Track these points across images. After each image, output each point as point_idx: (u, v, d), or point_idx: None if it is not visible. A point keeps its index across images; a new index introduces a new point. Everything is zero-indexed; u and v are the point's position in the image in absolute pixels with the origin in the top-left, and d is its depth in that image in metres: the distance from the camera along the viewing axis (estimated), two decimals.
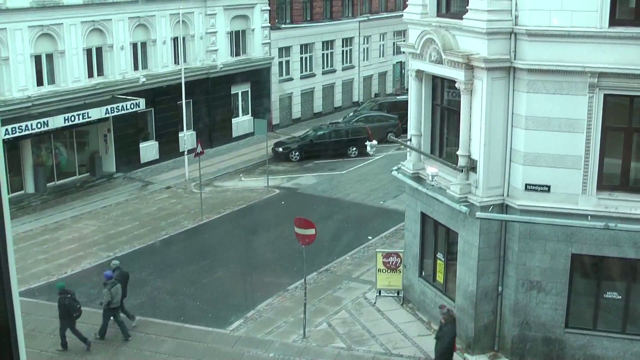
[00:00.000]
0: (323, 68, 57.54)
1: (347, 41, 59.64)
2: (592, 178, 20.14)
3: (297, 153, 45.65)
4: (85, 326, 23.89)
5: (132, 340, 23.82)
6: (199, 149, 35.96)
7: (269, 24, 51.31)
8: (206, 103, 47.42)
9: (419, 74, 23.41)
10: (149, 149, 44.18)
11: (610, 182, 20.37)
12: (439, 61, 21.84)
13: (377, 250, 27.52)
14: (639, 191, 20.18)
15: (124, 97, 40.99)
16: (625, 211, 20.04)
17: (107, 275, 23.88)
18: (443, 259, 24.03)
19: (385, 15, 62.70)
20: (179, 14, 43.52)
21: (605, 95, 19.65)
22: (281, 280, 28.17)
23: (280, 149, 45.84)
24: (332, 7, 57.67)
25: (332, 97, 59.05)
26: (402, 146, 27.25)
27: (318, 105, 57.64)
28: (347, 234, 33.06)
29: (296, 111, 55.56)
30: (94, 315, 24.44)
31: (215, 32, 47.25)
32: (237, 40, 49.62)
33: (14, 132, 34.57)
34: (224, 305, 26.36)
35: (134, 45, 42.68)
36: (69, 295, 23.10)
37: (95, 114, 38.74)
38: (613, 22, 19.17)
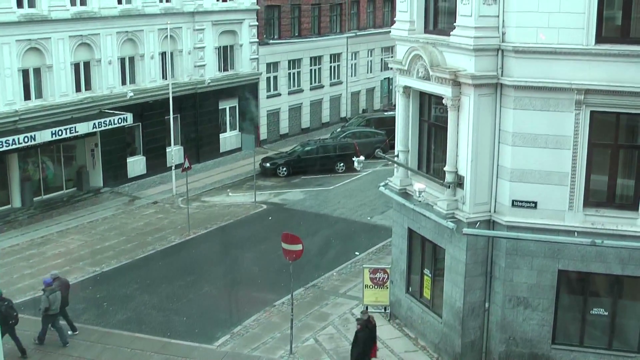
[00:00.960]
0: (311, 84, 57.66)
1: (334, 57, 59.81)
2: (578, 194, 20.23)
3: (284, 168, 45.67)
4: (25, 334, 24.05)
5: (119, 355, 23.71)
6: (187, 164, 35.93)
7: (257, 40, 51.43)
8: (194, 118, 47.40)
9: (407, 90, 23.47)
10: (136, 164, 44.09)
11: (596, 198, 20.46)
12: (427, 77, 21.93)
13: (364, 266, 27.52)
14: (625, 208, 20.29)
15: (111, 111, 40.94)
16: (611, 227, 20.12)
17: (46, 282, 24.31)
18: (430, 275, 24.04)
19: (373, 31, 62.95)
20: (167, 29, 43.52)
21: (592, 112, 19.76)
22: (268, 295, 28.10)
23: (268, 165, 45.86)
24: (320, 23, 57.89)
25: (319, 113, 59.15)
26: (390, 162, 27.28)
27: (306, 120, 57.73)
28: (334, 249, 33.05)
29: (284, 127, 55.60)
30: (36, 323, 24.64)
31: (203, 47, 47.32)
32: (225, 55, 49.71)
33: (0, 146, 34.48)
34: (210, 321, 26.26)
35: (122, 60, 42.68)
36: (5, 303, 23.14)
37: (83, 128, 38.67)
38: (599, 39, 19.32)
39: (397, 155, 24.41)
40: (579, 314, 21.48)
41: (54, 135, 37.13)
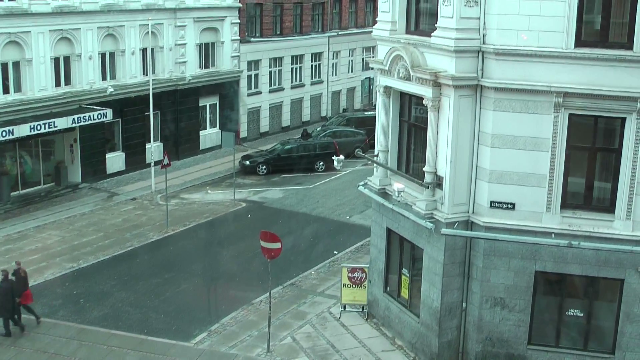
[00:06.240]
0: (292, 82, 57.67)
1: (316, 56, 59.85)
2: (556, 196, 20.37)
3: (264, 167, 45.66)
4: None
5: (96, 352, 23.61)
6: (166, 161, 35.84)
7: (239, 37, 51.36)
8: (174, 115, 47.28)
9: (387, 90, 23.54)
10: (115, 160, 43.91)
11: (574, 200, 20.61)
12: (407, 78, 21.98)
13: (342, 265, 27.56)
14: (602, 210, 20.46)
15: (91, 107, 40.75)
16: (588, 229, 20.28)
17: None
18: (408, 275, 24.12)
19: (354, 31, 63.04)
20: (148, 25, 43.38)
21: (570, 115, 19.91)
22: (246, 293, 28.09)
23: (248, 163, 45.81)
24: (302, 21, 57.90)
25: (300, 112, 59.18)
26: (369, 162, 27.34)
27: (286, 119, 57.73)
28: (313, 248, 33.07)
29: (264, 125, 55.58)
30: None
31: (185, 44, 47.19)
32: (207, 52, 49.62)
33: None
34: (188, 318, 26.22)
35: (103, 55, 42.49)
36: None
37: (62, 123, 38.45)
38: (579, 43, 19.46)
39: (377, 155, 24.48)
40: (555, 315, 21.62)
41: (32, 130, 36.90)
